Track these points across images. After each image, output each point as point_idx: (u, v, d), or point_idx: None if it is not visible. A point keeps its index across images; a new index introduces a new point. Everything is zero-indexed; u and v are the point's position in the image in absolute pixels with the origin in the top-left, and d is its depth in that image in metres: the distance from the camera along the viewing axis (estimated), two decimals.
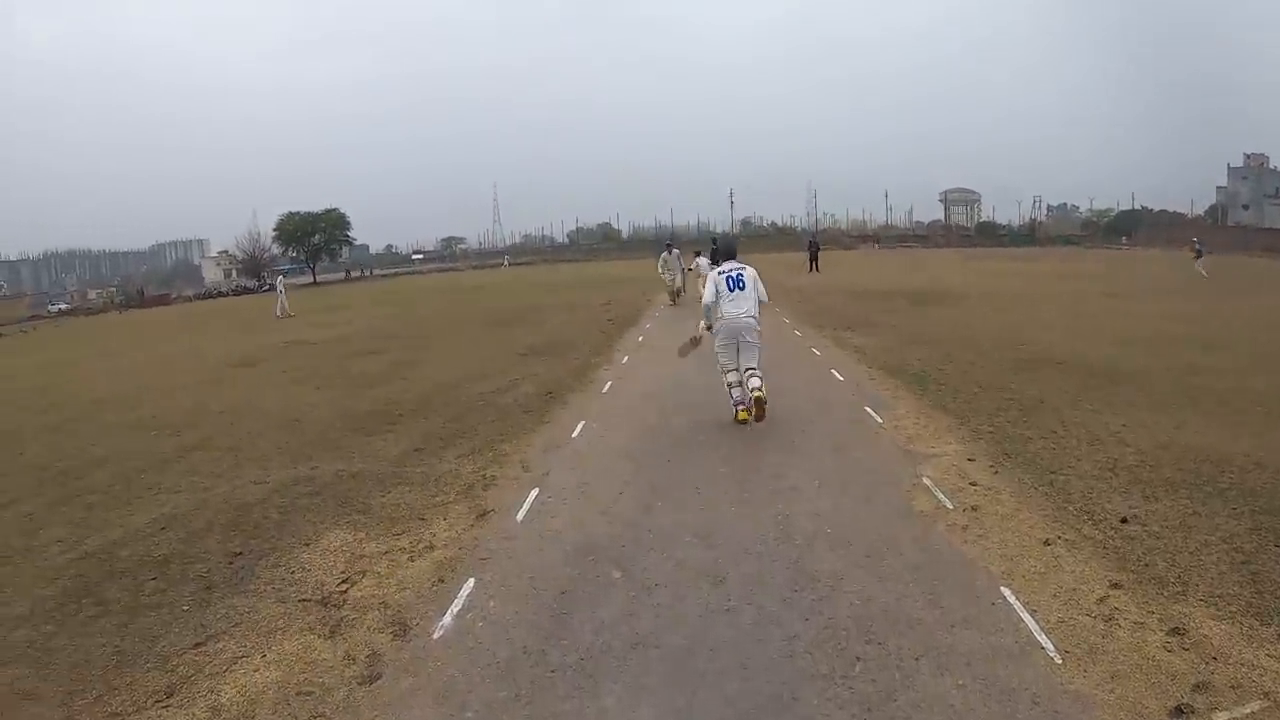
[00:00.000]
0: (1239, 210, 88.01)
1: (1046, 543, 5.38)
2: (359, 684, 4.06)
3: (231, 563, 5.76)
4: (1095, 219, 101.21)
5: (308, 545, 5.99)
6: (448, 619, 4.67)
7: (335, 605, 5.00)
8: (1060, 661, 3.99)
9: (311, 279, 76.03)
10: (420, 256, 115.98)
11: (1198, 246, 33.53)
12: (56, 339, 28.06)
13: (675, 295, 24.29)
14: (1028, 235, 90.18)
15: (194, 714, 3.91)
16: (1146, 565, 4.99)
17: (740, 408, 8.75)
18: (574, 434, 8.93)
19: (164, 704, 4.01)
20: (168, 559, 5.88)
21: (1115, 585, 4.74)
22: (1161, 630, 4.23)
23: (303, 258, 79.49)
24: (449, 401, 11.00)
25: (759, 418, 8.38)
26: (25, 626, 4.88)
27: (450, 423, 9.65)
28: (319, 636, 4.62)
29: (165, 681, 4.21)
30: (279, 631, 4.71)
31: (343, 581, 5.30)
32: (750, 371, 8.56)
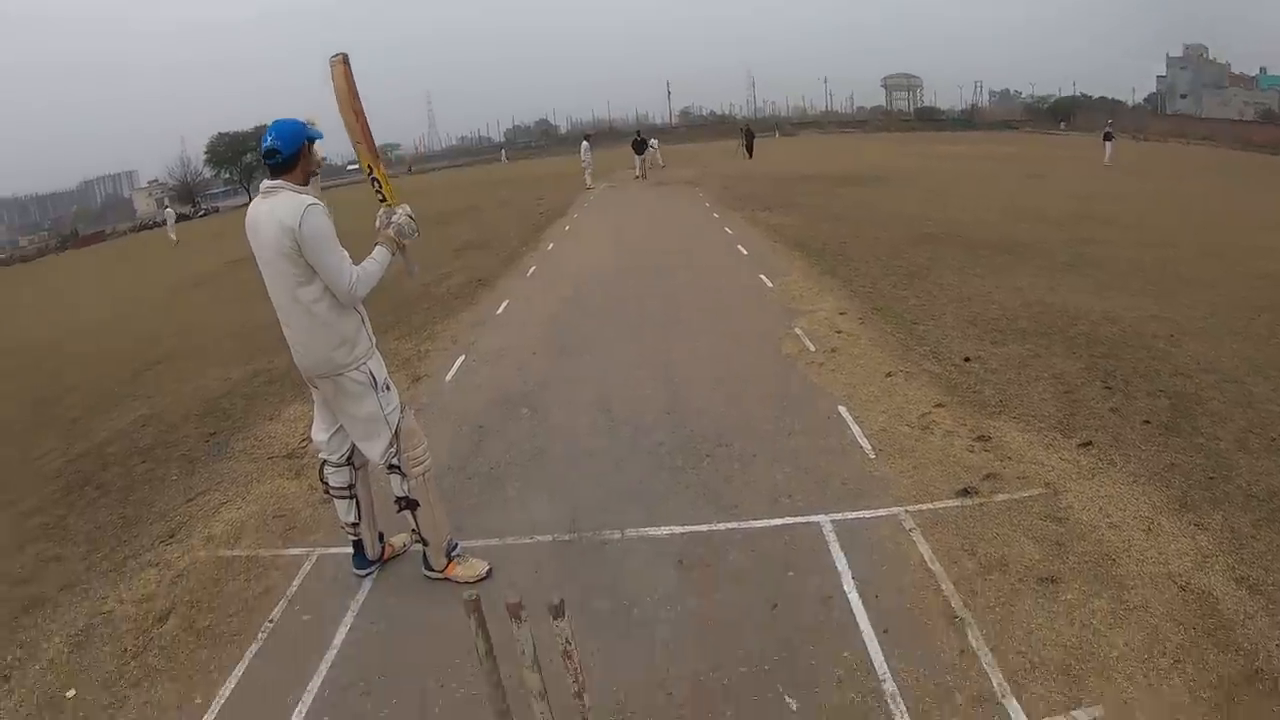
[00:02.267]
0: (1177, 100, 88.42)
1: (889, 375, 6.47)
2: (320, 504, 5.10)
3: (207, 441, 6.66)
4: (1036, 104, 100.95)
5: (271, 419, 6.95)
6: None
7: (298, 457, 6.02)
8: (874, 457, 5.12)
9: (247, 199, 74.31)
10: (355, 166, 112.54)
11: (1107, 130, 33.75)
12: None
13: (644, 172, 31.84)
14: (967, 120, 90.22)
15: (192, 545, 4.87)
16: (974, 392, 6.04)
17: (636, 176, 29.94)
18: (498, 311, 10.05)
19: (167, 543, 4.96)
20: (152, 447, 6.71)
21: (939, 405, 5.81)
22: (969, 437, 5.28)
23: (236, 178, 77.31)
24: (386, 296, 11.46)
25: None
26: (39, 515, 5.64)
27: (389, 313, 10.38)
28: (287, 479, 5.65)
29: (165, 529, 5.15)
30: (254, 481, 5.70)
31: (303, 440, 6.27)
32: (642, 169, 31.34)
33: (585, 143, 31.89)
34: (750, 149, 41.01)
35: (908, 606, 3.67)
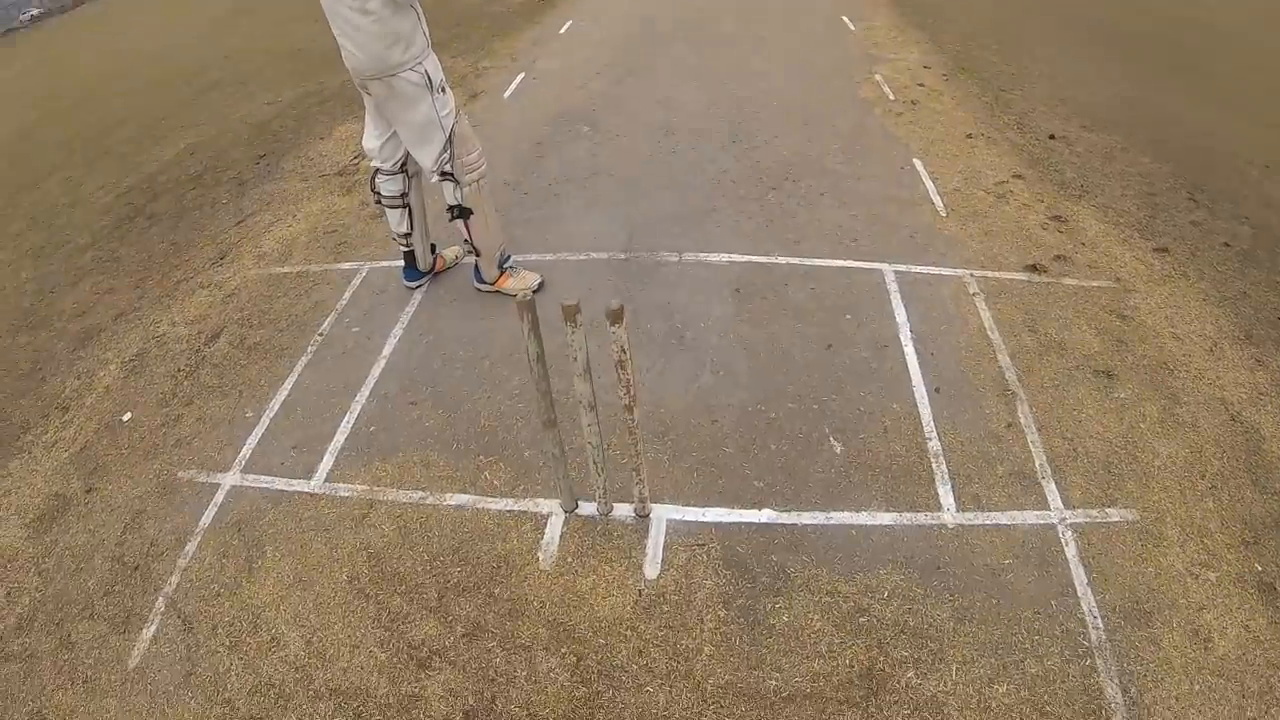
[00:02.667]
0: None
1: (969, 136, 6.05)
2: (371, 219, 5.09)
3: (257, 163, 6.53)
4: None
5: (322, 139, 6.77)
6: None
7: (350, 174, 5.92)
8: (945, 215, 4.88)
9: None
10: None
11: None
12: (39, 42, 26.99)
13: None
14: None
15: (243, 265, 4.89)
16: (1055, 171, 5.63)
17: None
18: (561, 30, 9.49)
19: (218, 264, 4.97)
20: (201, 174, 6.59)
21: (1018, 176, 5.45)
22: (1045, 215, 4.97)
23: None
24: (444, 12, 10.87)
25: None
26: (92, 250, 5.61)
27: (445, 30, 9.79)
28: (338, 196, 5.59)
29: (216, 251, 5.15)
30: (304, 199, 5.64)
31: (355, 158, 6.16)
32: None
33: None
34: None
35: (961, 369, 3.61)
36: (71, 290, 5.08)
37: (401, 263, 4.30)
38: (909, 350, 3.70)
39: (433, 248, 4.35)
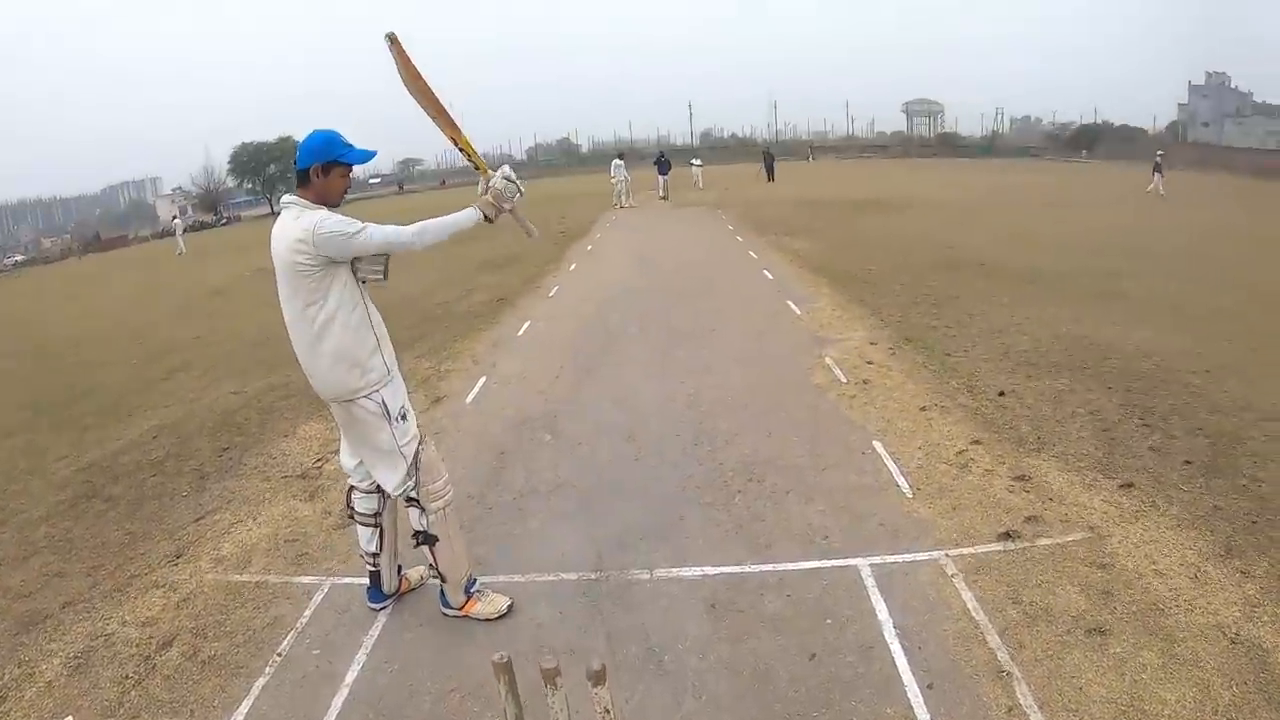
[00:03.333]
0: (1199, 128, 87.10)
1: (923, 409, 6.26)
2: (334, 530, 4.96)
3: (220, 456, 6.52)
4: (1057, 132, 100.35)
5: (286, 436, 6.81)
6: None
7: (312, 478, 5.86)
8: (911, 496, 4.91)
9: (270, 209, 74.34)
10: (378, 180, 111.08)
11: (1157, 160, 29.68)
12: (19, 290, 27.71)
13: (665, 195, 32.19)
14: (987, 148, 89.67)
15: (199, 567, 4.70)
16: (1011, 428, 5.82)
17: (660, 197, 31.17)
18: (519, 332, 9.93)
19: (173, 563, 4.79)
20: (163, 460, 6.58)
21: (976, 442, 5.60)
22: (1009, 476, 5.06)
23: (259, 189, 77.49)
24: (409, 312, 11.57)
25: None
26: (45, 525, 5.51)
27: (410, 330, 10.26)
28: (300, 501, 5.48)
29: (173, 548, 4.98)
30: (266, 501, 5.54)
31: (318, 460, 6.14)
32: (665, 190, 32.11)
33: (618, 161, 31.69)
34: (771, 172, 40.93)
35: (952, 659, 3.47)
36: (20, 566, 4.92)
37: (365, 581, 4.14)
38: (895, 647, 3.56)
39: (399, 569, 4.23)
